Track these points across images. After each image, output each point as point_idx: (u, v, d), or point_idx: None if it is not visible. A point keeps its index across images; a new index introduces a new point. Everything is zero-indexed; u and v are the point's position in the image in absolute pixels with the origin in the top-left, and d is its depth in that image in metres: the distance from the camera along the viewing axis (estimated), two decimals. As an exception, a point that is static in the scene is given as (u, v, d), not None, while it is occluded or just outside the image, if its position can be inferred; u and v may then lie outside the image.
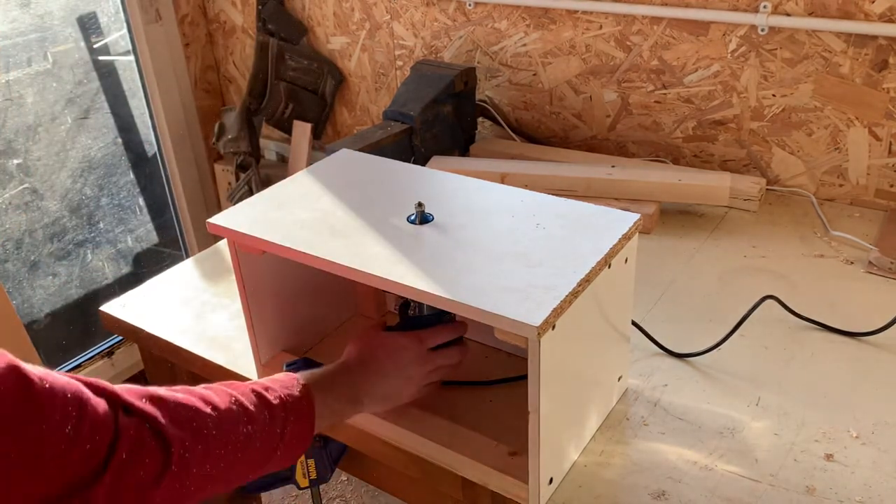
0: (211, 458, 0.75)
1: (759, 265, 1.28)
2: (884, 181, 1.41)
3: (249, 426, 0.78)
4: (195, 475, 0.73)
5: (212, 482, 0.76)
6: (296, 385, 0.84)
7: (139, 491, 0.70)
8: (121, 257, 2.41)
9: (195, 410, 0.76)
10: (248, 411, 0.79)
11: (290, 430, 0.82)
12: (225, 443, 0.76)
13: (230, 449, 0.76)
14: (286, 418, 0.81)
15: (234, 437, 0.77)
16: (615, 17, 1.56)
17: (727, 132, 1.54)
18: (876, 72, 1.35)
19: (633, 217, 0.92)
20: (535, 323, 0.75)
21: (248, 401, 0.80)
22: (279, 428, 0.80)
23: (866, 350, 1.08)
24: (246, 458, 0.78)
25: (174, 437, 0.72)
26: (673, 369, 1.06)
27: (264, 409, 0.80)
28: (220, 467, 0.76)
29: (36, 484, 0.64)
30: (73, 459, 0.65)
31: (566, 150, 1.66)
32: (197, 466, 0.73)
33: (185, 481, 0.73)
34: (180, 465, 0.72)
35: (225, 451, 0.76)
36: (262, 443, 0.79)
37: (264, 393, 0.81)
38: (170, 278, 1.34)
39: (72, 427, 0.65)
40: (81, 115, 2.19)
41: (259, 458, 0.80)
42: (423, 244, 0.90)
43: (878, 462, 0.90)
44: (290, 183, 1.07)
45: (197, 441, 0.74)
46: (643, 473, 0.90)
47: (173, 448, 0.71)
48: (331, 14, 1.99)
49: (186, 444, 0.73)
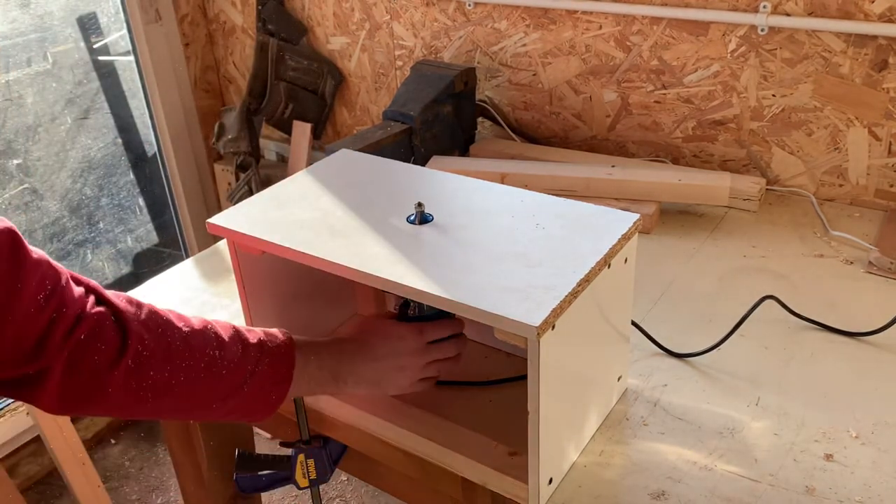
0: (171, 366, 0.77)
1: (759, 265, 1.28)
2: (884, 181, 1.42)
3: (218, 351, 0.80)
4: (151, 378, 0.76)
5: (169, 394, 0.78)
6: (280, 335, 0.87)
7: (93, 375, 0.74)
8: (121, 257, 2.41)
9: (166, 321, 0.79)
10: (220, 338, 0.81)
11: (263, 371, 0.83)
12: (188, 357, 0.78)
13: (192, 365, 0.79)
14: (260, 358, 0.83)
15: (200, 356, 0.79)
16: (615, 18, 1.56)
17: (727, 132, 1.54)
18: (876, 72, 1.35)
19: (632, 217, 0.92)
20: (535, 323, 0.75)
21: (223, 331, 0.83)
22: (251, 365, 0.82)
23: (866, 350, 1.08)
24: (208, 382, 0.80)
25: (135, 332, 0.76)
26: (673, 369, 1.06)
27: (238, 343, 0.83)
28: (180, 381, 0.78)
29: (2, 337, 0.69)
30: (38, 325, 0.71)
31: (566, 150, 1.66)
32: (155, 370, 0.76)
33: (142, 381, 0.76)
34: (136, 361, 0.75)
35: (186, 366, 0.78)
36: (228, 371, 0.81)
37: (244, 331, 0.84)
38: (170, 278, 1.34)
39: (44, 296, 0.71)
40: (81, 115, 2.19)
41: (223, 388, 0.81)
42: (423, 244, 0.90)
43: (878, 462, 0.90)
44: (290, 183, 1.07)
45: (159, 344, 0.77)
46: (643, 473, 0.90)
47: (130, 341, 0.75)
48: (331, 14, 1.99)
49: (146, 343, 0.76)
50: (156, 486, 2.20)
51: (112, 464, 2.28)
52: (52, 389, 0.73)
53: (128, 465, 2.28)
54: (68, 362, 0.73)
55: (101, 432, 2.34)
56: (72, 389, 0.74)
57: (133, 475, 2.24)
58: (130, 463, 2.29)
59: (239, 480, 1.07)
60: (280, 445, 1.07)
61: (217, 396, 0.81)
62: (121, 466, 2.27)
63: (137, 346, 0.76)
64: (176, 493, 2.15)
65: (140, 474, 2.25)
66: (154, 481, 2.22)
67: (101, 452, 2.32)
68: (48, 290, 0.72)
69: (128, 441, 2.36)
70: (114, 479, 2.23)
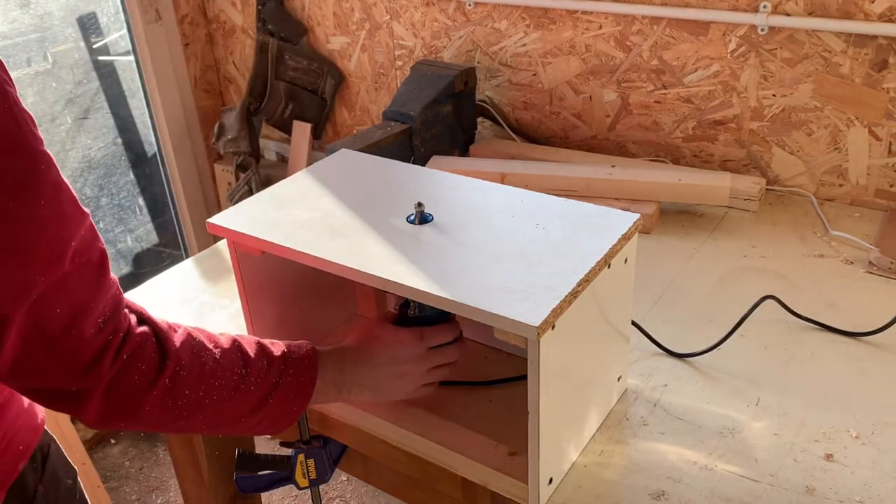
0: (204, 386, 0.80)
1: (759, 265, 1.28)
2: (884, 181, 1.42)
3: (245, 369, 0.83)
4: (186, 398, 0.79)
5: (201, 412, 0.81)
6: (305, 345, 0.89)
7: (133, 393, 0.76)
8: (121, 257, 2.41)
9: (200, 342, 0.82)
10: (247, 355, 0.84)
11: (287, 382, 0.85)
12: (220, 376, 0.81)
13: (224, 384, 0.81)
14: (284, 370, 0.86)
15: (230, 374, 0.82)
16: (615, 17, 1.56)
17: (727, 132, 1.54)
18: (876, 72, 1.35)
19: (632, 217, 0.92)
20: (535, 323, 0.75)
21: (249, 348, 0.85)
22: (275, 377, 0.85)
23: (866, 350, 1.08)
24: (238, 399, 0.82)
25: (174, 352, 0.79)
26: (673, 369, 1.06)
27: (263, 358, 0.85)
28: (213, 399, 0.81)
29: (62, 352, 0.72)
30: (95, 346, 0.73)
31: (566, 150, 1.66)
32: (190, 389, 0.79)
33: (177, 400, 0.79)
34: (173, 381, 0.78)
35: (218, 384, 0.81)
36: (256, 387, 0.83)
37: (268, 345, 0.87)
38: (170, 278, 1.34)
39: (103, 319, 0.74)
40: (81, 115, 2.20)
41: (251, 403, 0.84)
42: (423, 244, 0.90)
43: (878, 462, 0.90)
44: (290, 183, 1.07)
45: (194, 364, 0.80)
46: (643, 473, 0.90)
47: (169, 361, 0.78)
48: (331, 14, 1.99)
49: (183, 363, 0.79)
50: (156, 486, 2.20)
51: (112, 464, 2.28)
52: (95, 406, 0.76)
53: (128, 465, 2.28)
54: (112, 381, 0.75)
55: (101, 432, 2.34)
56: (112, 407, 0.76)
57: (133, 475, 2.24)
58: (130, 463, 2.29)
59: (239, 480, 1.07)
60: (280, 445, 1.07)
61: (245, 411, 0.84)
62: (121, 466, 2.27)
63: (175, 366, 0.78)
64: (176, 493, 2.15)
65: (140, 474, 2.25)
66: (154, 481, 2.22)
67: (101, 452, 2.32)
68: (108, 314, 0.75)
69: (128, 441, 2.36)
70: (114, 479, 2.23)
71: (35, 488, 0.90)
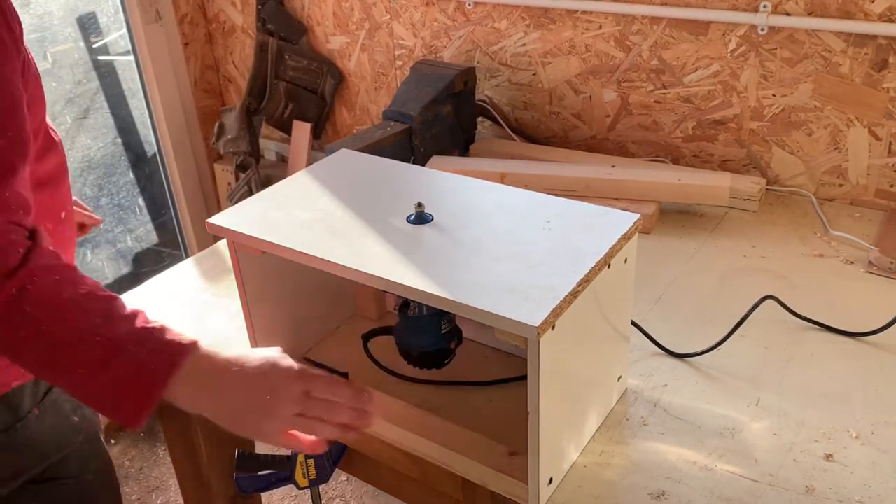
0: (48, 313, 0.77)
1: (759, 265, 1.28)
2: (884, 181, 1.42)
3: (105, 322, 0.78)
4: (27, 316, 0.76)
5: (38, 341, 0.77)
6: (186, 337, 0.81)
7: None
8: (120, 257, 2.41)
9: (71, 277, 0.80)
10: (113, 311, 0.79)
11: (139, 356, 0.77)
12: (70, 315, 0.77)
13: (71, 325, 0.77)
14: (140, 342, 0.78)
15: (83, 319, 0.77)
16: (615, 17, 1.56)
17: (727, 132, 1.54)
18: (876, 71, 1.35)
19: (632, 217, 0.92)
20: (535, 323, 0.75)
21: (121, 307, 0.80)
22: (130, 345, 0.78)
23: (866, 350, 1.08)
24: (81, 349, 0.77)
25: (33, 269, 0.77)
26: (673, 369, 1.06)
27: (131, 320, 0.79)
28: (53, 335, 0.77)
29: None
30: None
31: (566, 150, 1.66)
32: (32, 308, 0.76)
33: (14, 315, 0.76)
34: (21, 293, 0.76)
35: (66, 322, 0.77)
36: (103, 339, 0.77)
37: (144, 316, 0.80)
38: (169, 278, 1.34)
39: None
40: (81, 114, 2.19)
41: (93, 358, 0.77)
42: (423, 244, 0.90)
43: (878, 462, 0.90)
44: (290, 183, 1.07)
45: (48, 289, 0.77)
46: (643, 473, 0.90)
47: (22, 273, 0.76)
48: (330, 14, 1.99)
49: (36, 281, 0.77)
50: (156, 486, 2.20)
51: (112, 464, 2.28)
52: None
53: (128, 465, 2.27)
54: None
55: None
56: None
57: (133, 475, 2.24)
58: (130, 463, 2.29)
59: (239, 480, 1.07)
60: (280, 445, 1.07)
61: (81, 363, 0.77)
62: (120, 466, 2.27)
63: (27, 280, 0.76)
64: (176, 493, 2.15)
65: (140, 474, 2.25)
66: (154, 481, 2.22)
67: (100, 452, 2.32)
68: None
69: (128, 441, 2.36)
70: (114, 478, 2.23)
71: (29, 410, 0.91)
